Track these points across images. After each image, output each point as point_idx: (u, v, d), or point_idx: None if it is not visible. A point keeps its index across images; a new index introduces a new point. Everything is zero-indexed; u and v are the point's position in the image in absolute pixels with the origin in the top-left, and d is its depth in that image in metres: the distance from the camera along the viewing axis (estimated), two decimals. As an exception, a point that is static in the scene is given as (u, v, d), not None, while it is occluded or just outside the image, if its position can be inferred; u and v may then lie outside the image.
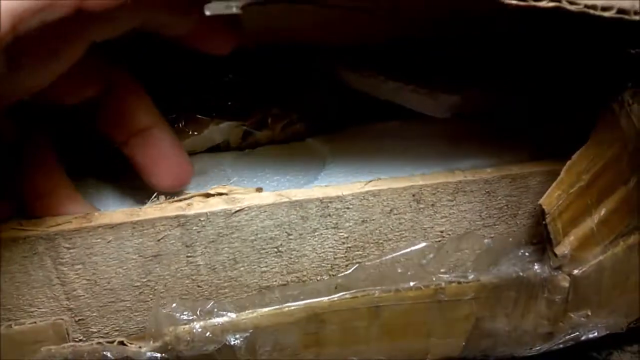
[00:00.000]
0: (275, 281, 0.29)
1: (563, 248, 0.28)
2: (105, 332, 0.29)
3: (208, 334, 0.28)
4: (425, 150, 0.33)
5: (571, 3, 0.22)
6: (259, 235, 0.27)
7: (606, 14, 0.22)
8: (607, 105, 0.27)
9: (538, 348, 0.31)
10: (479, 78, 0.35)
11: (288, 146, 0.34)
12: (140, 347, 0.28)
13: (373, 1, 0.30)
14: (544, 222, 0.27)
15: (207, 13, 0.21)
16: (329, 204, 0.27)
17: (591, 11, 0.22)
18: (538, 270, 0.29)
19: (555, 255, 0.28)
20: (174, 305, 0.28)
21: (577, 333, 0.31)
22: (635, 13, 0.22)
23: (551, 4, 0.22)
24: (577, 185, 0.27)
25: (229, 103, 0.35)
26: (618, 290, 0.31)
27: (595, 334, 0.31)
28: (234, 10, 0.21)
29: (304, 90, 0.35)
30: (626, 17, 0.22)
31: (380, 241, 0.29)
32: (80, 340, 0.28)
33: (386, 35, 0.35)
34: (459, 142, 0.34)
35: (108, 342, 0.29)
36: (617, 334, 0.32)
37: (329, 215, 0.27)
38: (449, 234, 0.29)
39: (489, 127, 0.34)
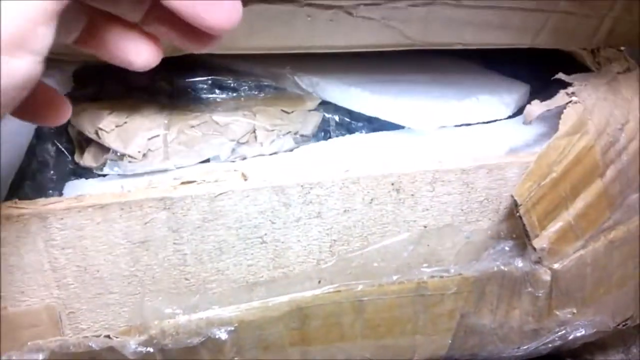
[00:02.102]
0: (262, 276, 0.30)
1: (541, 241, 0.29)
2: (95, 329, 0.29)
3: (193, 327, 0.29)
4: (411, 157, 0.35)
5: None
6: (243, 223, 0.28)
7: None
8: (576, 100, 0.29)
9: (526, 347, 0.32)
10: (464, 90, 0.37)
11: (277, 155, 0.36)
12: (125, 340, 0.29)
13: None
14: (517, 214, 0.28)
15: None
16: (310, 190, 0.28)
17: None
18: (519, 265, 0.30)
19: (534, 248, 0.29)
20: (160, 298, 0.29)
21: (564, 331, 0.31)
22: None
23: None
24: (549, 177, 0.28)
25: (214, 119, 0.37)
26: (603, 288, 0.32)
27: (583, 332, 0.31)
28: None
29: (291, 105, 0.37)
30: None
31: (365, 234, 0.30)
32: (71, 337, 0.29)
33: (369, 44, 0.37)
34: (446, 149, 0.35)
35: (95, 336, 0.29)
36: (604, 339, 0.33)
37: (311, 202, 0.28)
38: (433, 228, 0.30)
39: (476, 133, 0.36)
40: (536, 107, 0.28)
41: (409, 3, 0.29)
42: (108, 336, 0.29)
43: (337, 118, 0.38)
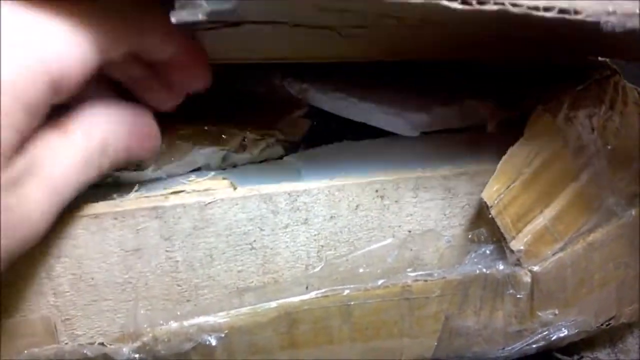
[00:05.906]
0: (252, 282, 0.32)
1: (518, 243, 0.32)
2: (90, 335, 0.32)
3: (185, 334, 0.31)
4: (394, 165, 0.37)
5: (514, 5, 0.24)
6: (232, 230, 0.31)
7: (548, 14, 0.25)
8: (542, 106, 0.31)
9: (510, 348, 0.34)
10: (447, 95, 0.40)
11: (265, 163, 0.39)
12: (119, 347, 0.31)
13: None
14: (490, 216, 0.31)
15: (173, 20, 0.23)
16: (297, 198, 0.30)
17: (534, 12, 0.25)
18: (500, 267, 0.32)
19: (511, 250, 0.31)
20: (153, 305, 0.31)
21: (547, 332, 0.34)
22: (575, 12, 0.26)
23: (495, 7, 0.24)
24: (518, 180, 0.31)
25: (205, 128, 0.39)
26: (584, 289, 0.34)
27: (566, 332, 0.34)
28: (200, 17, 0.23)
29: (279, 112, 0.40)
30: (567, 16, 0.25)
31: (351, 240, 0.32)
32: (66, 344, 0.32)
33: (358, 56, 0.39)
34: (429, 157, 0.38)
35: (89, 343, 0.32)
36: (590, 337, 0.35)
37: (298, 209, 0.31)
38: (417, 233, 0.33)
39: (458, 141, 0.39)
40: (496, 114, 0.31)
41: (394, 24, 0.31)
42: (102, 344, 0.32)
43: (325, 124, 0.41)
